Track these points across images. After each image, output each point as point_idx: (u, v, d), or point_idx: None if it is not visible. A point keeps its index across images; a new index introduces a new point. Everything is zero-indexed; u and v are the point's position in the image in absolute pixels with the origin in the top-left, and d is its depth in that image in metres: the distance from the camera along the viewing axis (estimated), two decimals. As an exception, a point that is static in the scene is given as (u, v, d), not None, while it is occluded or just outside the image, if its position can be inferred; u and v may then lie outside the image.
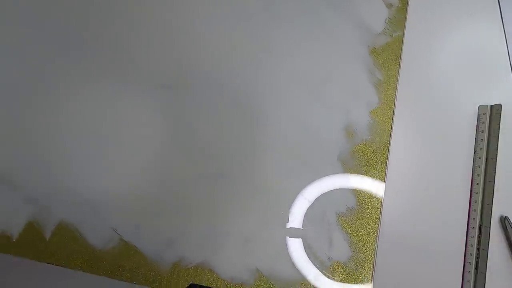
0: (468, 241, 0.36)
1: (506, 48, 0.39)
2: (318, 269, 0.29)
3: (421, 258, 0.36)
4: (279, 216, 0.30)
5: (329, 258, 0.29)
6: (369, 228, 0.30)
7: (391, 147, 0.33)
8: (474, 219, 0.37)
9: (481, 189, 0.37)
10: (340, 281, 0.28)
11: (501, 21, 0.40)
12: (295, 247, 0.29)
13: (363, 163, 0.32)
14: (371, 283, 0.29)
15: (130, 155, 0.31)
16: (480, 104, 0.38)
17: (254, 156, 0.31)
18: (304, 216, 0.30)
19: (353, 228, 0.30)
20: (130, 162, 0.31)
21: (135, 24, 0.35)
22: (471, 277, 0.35)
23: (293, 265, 0.29)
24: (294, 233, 0.30)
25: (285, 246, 0.29)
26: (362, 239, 0.30)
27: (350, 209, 0.30)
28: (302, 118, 0.33)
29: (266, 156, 0.32)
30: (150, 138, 0.31)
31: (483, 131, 0.37)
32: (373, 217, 0.30)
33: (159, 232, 0.29)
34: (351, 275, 0.29)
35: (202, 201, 0.30)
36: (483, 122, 0.38)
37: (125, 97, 0.32)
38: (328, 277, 0.28)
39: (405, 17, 0.36)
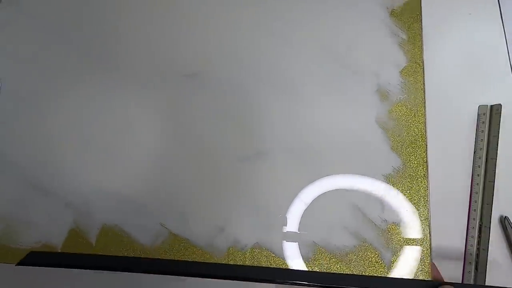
0: (468, 241, 0.36)
1: (506, 48, 0.39)
2: (374, 233, 0.29)
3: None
4: (329, 188, 0.30)
5: (383, 221, 0.29)
6: (419, 185, 0.30)
7: (426, 104, 0.32)
8: (474, 219, 0.37)
9: (481, 189, 0.37)
10: (397, 242, 0.29)
11: (501, 21, 0.40)
12: (349, 215, 0.29)
13: (402, 122, 0.32)
14: (429, 238, 0.29)
15: (165, 148, 0.30)
16: (480, 104, 0.38)
17: (290, 131, 0.31)
18: (353, 182, 0.30)
19: (403, 187, 0.30)
20: (166, 155, 0.30)
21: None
22: (471, 277, 0.35)
23: (349, 233, 0.29)
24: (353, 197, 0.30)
25: (338, 216, 0.29)
26: (413, 197, 0.30)
27: (397, 169, 0.30)
28: (334, 86, 0.32)
29: (301, 130, 0.31)
30: (184, 128, 0.31)
31: (483, 131, 0.37)
32: (420, 174, 0.30)
33: (208, 221, 0.29)
34: (408, 234, 0.29)
35: (245, 184, 0.30)
36: (483, 122, 0.38)
37: (151, 91, 0.32)
38: (386, 239, 0.29)
39: None
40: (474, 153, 0.38)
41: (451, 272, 0.36)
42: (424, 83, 0.33)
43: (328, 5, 0.34)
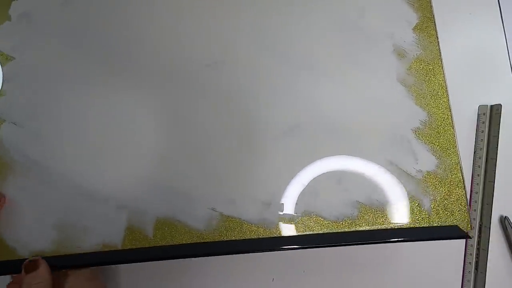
0: (468, 241, 0.36)
1: (506, 48, 0.39)
2: (411, 184, 0.30)
3: (422, 258, 0.36)
4: (362, 148, 0.31)
5: (418, 171, 0.30)
6: (446, 133, 0.31)
7: (442, 56, 0.33)
8: (474, 219, 0.37)
9: (481, 189, 0.37)
10: (434, 188, 0.30)
11: (501, 21, 0.40)
12: (384, 172, 0.30)
13: (422, 77, 0.33)
14: (463, 181, 0.30)
15: (199, 136, 0.31)
16: (480, 104, 0.38)
17: (314, 102, 0.32)
18: (384, 141, 0.31)
19: (432, 138, 0.31)
20: (201, 143, 0.31)
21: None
22: (471, 277, 0.36)
23: (388, 187, 0.30)
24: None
25: (376, 173, 0.31)
26: (443, 146, 0.31)
27: (423, 122, 0.32)
28: (351, 54, 0.33)
29: (325, 99, 0.32)
30: (209, 114, 0.32)
31: (483, 131, 0.37)
32: (446, 122, 0.32)
33: (254, 198, 0.30)
34: (443, 180, 0.30)
35: (284, 154, 0.31)
36: (483, 122, 0.38)
37: (171, 80, 0.33)
38: (423, 187, 0.30)
39: None
40: (474, 153, 0.38)
41: (451, 272, 0.36)
42: (437, 36, 0.33)
43: None
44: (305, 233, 0.29)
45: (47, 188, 0.30)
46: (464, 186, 0.30)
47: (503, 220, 0.37)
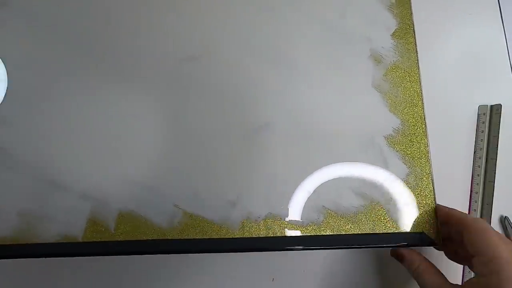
0: (468, 241, 0.36)
1: (506, 48, 0.39)
2: (380, 192, 0.30)
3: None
4: (333, 154, 0.31)
5: (388, 179, 0.30)
6: (419, 142, 0.31)
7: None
8: (474, 219, 0.37)
9: (481, 189, 0.37)
10: (403, 197, 0.30)
11: (501, 21, 0.40)
12: (355, 177, 0.30)
13: (397, 83, 0.33)
14: (433, 192, 0.30)
15: (171, 130, 0.31)
16: (480, 104, 0.38)
17: (290, 103, 0.32)
18: (356, 146, 0.31)
19: (404, 146, 0.31)
20: (172, 137, 0.31)
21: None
22: (471, 276, 0.35)
23: (355, 194, 0.30)
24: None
25: (345, 179, 0.30)
26: (415, 155, 0.31)
27: (396, 130, 0.31)
28: (329, 56, 0.33)
29: (301, 101, 0.32)
30: (188, 110, 0.32)
31: (483, 131, 0.37)
32: (419, 131, 0.31)
33: (219, 197, 0.30)
34: (412, 189, 0.30)
35: (252, 158, 0.31)
36: (483, 122, 0.38)
37: (153, 78, 0.33)
38: (392, 196, 0.30)
39: None
40: (474, 153, 0.38)
41: (452, 272, 0.36)
42: (415, 44, 0.33)
43: None
44: (268, 235, 0.29)
45: (12, 175, 0.30)
46: (434, 197, 0.30)
47: (503, 220, 0.37)
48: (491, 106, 0.38)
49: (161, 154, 0.30)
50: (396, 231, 0.29)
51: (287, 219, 0.29)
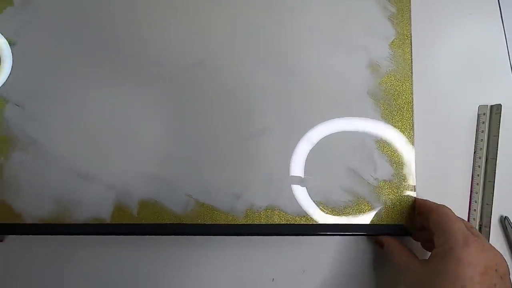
0: (468, 241, 0.36)
1: (506, 48, 0.39)
2: (367, 190, 0.34)
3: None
4: (328, 154, 0.34)
5: (375, 179, 0.33)
6: (406, 149, 0.34)
7: (414, 75, 0.35)
8: (474, 219, 0.37)
9: (481, 189, 0.37)
10: (388, 195, 0.33)
11: (501, 21, 0.40)
12: (346, 176, 0.34)
13: (391, 92, 0.35)
14: (414, 192, 0.34)
15: (182, 131, 0.35)
16: (480, 104, 0.38)
17: (289, 107, 0.35)
18: (349, 148, 0.34)
19: (392, 150, 0.34)
20: (183, 138, 0.35)
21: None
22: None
23: (344, 190, 0.34)
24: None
25: (337, 177, 0.34)
26: (400, 159, 0.34)
27: (386, 134, 0.34)
28: (328, 63, 0.35)
29: (300, 105, 0.35)
30: (200, 106, 0.35)
31: (483, 131, 0.37)
32: (407, 138, 0.34)
33: (226, 189, 0.33)
34: (396, 187, 0.34)
35: (256, 154, 0.34)
36: (483, 122, 0.38)
37: (160, 79, 0.35)
38: (377, 194, 0.34)
39: None
40: (474, 153, 0.38)
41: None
42: (411, 54, 0.35)
43: None
44: (268, 223, 0.33)
45: (45, 165, 0.33)
46: (415, 194, 0.34)
47: (503, 220, 0.37)
48: (491, 106, 0.38)
49: (175, 151, 0.34)
50: (379, 223, 0.33)
51: (284, 210, 0.33)
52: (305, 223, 0.33)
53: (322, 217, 0.33)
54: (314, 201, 0.33)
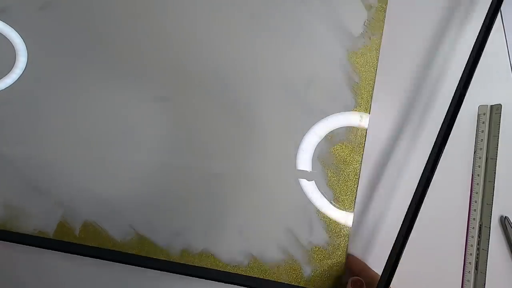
0: (468, 241, 0.36)
1: (506, 48, 0.39)
2: (301, 252, 0.34)
3: (421, 258, 0.36)
4: (270, 211, 0.35)
5: (309, 243, 0.34)
6: (345, 218, 0.35)
7: (365, 147, 0.36)
8: (474, 219, 0.37)
9: (481, 189, 0.37)
10: (319, 261, 0.34)
11: (501, 21, 0.40)
12: (283, 235, 0.35)
13: (341, 160, 0.35)
14: (344, 261, 0.34)
15: (141, 161, 0.36)
16: (480, 104, 0.38)
17: (246, 157, 0.36)
18: (290, 208, 0.35)
19: (330, 218, 0.35)
20: (141, 166, 0.36)
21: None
22: (471, 277, 0.35)
23: (279, 248, 0.35)
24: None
25: (274, 236, 0.35)
26: (337, 227, 0.35)
27: (329, 202, 0.35)
28: (286, 120, 0.36)
29: (257, 158, 0.36)
30: (155, 143, 0.36)
31: (483, 131, 0.37)
32: (348, 208, 0.35)
33: (168, 225, 0.35)
34: (328, 255, 0.34)
35: (203, 197, 0.35)
36: (483, 122, 0.38)
37: (128, 108, 0.36)
38: (309, 258, 0.34)
39: (384, 19, 0.37)
40: (474, 153, 0.38)
41: (451, 272, 0.36)
42: (367, 129, 0.35)
43: (293, 41, 0.37)
44: (201, 266, 0.34)
45: (1, 173, 0.35)
46: (345, 267, 0.34)
47: (503, 220, 0.37)
48: (491, 106, 0.38)
49: (123, 181, 0.35)
50: (305, 287, 0.34)
51: (218, 256, 0.35)
52: (236, 272, 0.34)
53: (253, 270, 0.34)
54: (249, 253, 0.34)
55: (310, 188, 0.35)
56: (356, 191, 0.35)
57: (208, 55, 0.36)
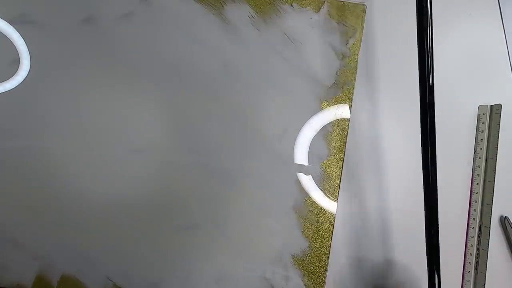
0: (468, 241, 0.36)
1: (506, 48, 0.39)
2: None
3: (421, 258, 0.36)
4: (242, 261, 0.36)
5: None
6: (319, 269, 0.35)
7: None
8: (474, 219, 0.37)
9: (481, 189, 0.37)
10: None
11: (501, 21, 0.40)
12: (258, 285, 0.35)
13: (315, 211, 0.36)
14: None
15: (117, 216, 0.36)
16: (480, 104, 0.38)
17: (223, 209, 0.36)
18: (266, 260, 0.36)
19: (306, 267, 0.35)
20: (117, 221, 0.36)
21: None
22: (471, 277, 0.36)
23: None
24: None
25: (250, 285, 0.35)
26: (314, 276, 0.35)
27: (303, 251, 0.35)
28: (260, 170, 0.37)
29: (233, 209, 0.36)
30: (134, 194, 0.37)
31: (483, 131, 0.37)
32: (323, 258, 0.35)
33: (146, 276, 0.35)
34: None
35: (179, 250, 0.36)
36: (483, 122, 0.38)
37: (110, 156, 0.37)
38: None
39: (356, 68, 0.37)
40: (474, 153, 0.38)
41: (451, 272, 0.36)
42: (341, 175, 0.36)
43: (268, 92, 0.37)
44: None
45: None
46: None
47: (503, 220, 0.37)
48: (491, 106, 0.38)
49: (100, 232, 0.36)
50: None
51: None
52: None
53: None
54: None
55: (287, 237, 0.36)
56: (331, 240, 0.35)
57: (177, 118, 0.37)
